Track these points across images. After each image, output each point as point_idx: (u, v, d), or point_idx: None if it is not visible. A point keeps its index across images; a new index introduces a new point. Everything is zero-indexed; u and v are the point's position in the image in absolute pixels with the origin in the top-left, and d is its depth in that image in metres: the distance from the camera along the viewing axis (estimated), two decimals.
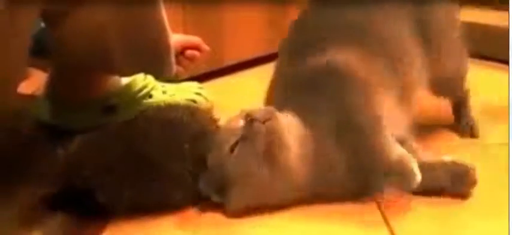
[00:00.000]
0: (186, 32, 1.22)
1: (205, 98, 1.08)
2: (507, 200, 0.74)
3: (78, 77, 0.94)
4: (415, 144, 0.81)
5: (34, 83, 1.27)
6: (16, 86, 0.82)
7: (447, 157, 0.79)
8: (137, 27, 0.84)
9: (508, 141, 0.91)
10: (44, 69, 1.17)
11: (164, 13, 0.85)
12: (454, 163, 0.78)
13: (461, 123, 0.97)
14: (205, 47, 1.06)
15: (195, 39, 1.05)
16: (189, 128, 0.80)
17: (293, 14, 1.42)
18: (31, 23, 0.77)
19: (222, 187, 0.73)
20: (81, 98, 0.95)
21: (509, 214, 0.71)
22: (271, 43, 1.40)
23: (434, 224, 0.72)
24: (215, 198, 0.74)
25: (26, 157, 0.87)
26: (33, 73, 1.34)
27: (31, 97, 1.15)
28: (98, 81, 0.96)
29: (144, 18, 0.84)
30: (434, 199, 0.76)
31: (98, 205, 0.72)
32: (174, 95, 1.05)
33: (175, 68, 0.91)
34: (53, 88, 0.98)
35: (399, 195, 0.76)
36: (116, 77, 0.99)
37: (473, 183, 0.75)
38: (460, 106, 0.98)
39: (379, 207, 0.76)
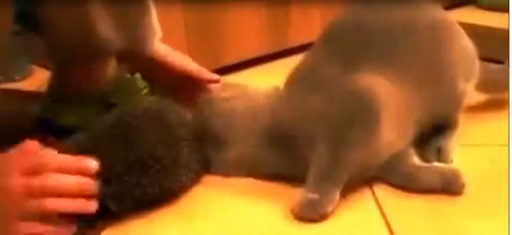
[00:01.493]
0: (186, 32, 1.22)
1: None
2: (505, 199, 0.74)
3: (75, 69, 0.94)
4: (411, 150, 0.82)
5: (36, 80, 1.28)
6: None
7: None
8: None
9: (507, 142, 0.91)
10: (46, 67, 1.18)
11: None
12: (444, 167, 0.80)
13: (433, 143, 0.87)
14: (211, 76, 1.01)
15: (197, 70, 1.00)
16: (180, 116, 0.81)
17: (293, 14, 1.43)
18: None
19: None
20: (81, 93, 0.95)
21: (509, 213, 0.71)
22: (271, 43, 1.41)
23: (433, 222, 0.72)
24: None
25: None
26: (36, 70, 1.34)
27: (33, 94, 1.15)
28: (95, 74, 0.96)
29: None
30: (434, 197, 0.76)
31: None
32: None
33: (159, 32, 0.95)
34: (53, 85, 0.98)
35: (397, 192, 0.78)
36: (117, 76, 0.99)
37: (463, 186, 0.77)
38: (446, 127, 0.89)
39: (378, 204, 0.76)
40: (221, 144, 0.83)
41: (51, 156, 0.68)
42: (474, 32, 0.92)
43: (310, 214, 0.73)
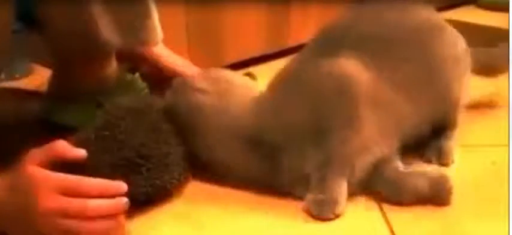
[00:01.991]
0: (187, 32, 1.22)
1: None
2: (505, 199, 0.74)
3: (75, 69, 0.94)
4: (396, 157, 0.80)
5: (37, 79, 1.28)
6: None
7: (425, 166, 0.82)
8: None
9: (507, 142, 0.91)
10: (47, 65, 1.18)
11: None
12: (431, 172, 0.78)
13: (433, 144, 0.87)
14: None
15: (185, 71, 1.01)
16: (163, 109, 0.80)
17: (293, 14, 1.43)
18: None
19: None
20: (81, 93, 0.95)
21: (509, 214, 0.71)
22: (271, 43, 1.41)
23: (433, 221, 0.72)
24: None
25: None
26: (36, 69, 1.34)
27: (33, 93, 1.15)
28: (95, 74, 0.96)
29: None
30: None
31: None
32: None
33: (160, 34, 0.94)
34: (54, 85, 0.98)
35: None
36: (117, 76, 0.99)
37: (450, 190, 0.75)
38: (446, 127, 0.89)
39: (380, 208, 0.76)
40: (195, 138, 0.80)
41: (88, 180, 0.66)
42: (474, 32, 0.92)
43: (326, 214, 0.73)
